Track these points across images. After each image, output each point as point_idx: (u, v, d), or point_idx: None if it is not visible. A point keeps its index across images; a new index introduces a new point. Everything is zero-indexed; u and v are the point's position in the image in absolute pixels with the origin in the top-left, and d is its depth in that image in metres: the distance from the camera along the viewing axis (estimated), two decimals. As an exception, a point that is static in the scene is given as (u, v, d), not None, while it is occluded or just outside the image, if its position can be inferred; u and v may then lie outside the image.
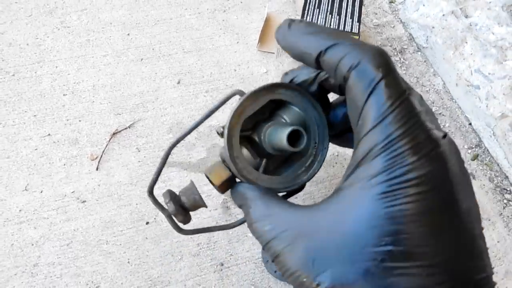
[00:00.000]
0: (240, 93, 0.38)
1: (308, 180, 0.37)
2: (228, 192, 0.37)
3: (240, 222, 0.39)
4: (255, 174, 0.35)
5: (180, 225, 0.38)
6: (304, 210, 0.28)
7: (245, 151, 0.37)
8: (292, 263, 0.25)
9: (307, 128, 0.37)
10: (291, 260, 0.25)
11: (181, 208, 0.37)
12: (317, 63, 0.28)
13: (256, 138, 0.37)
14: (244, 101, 0.35)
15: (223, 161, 0.37)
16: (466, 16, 0.77)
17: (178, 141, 0.38)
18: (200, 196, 0.38)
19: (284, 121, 0.37)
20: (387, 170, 0.24)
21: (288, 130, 0.33)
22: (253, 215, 0.30)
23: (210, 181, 0.37)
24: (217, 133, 0.38)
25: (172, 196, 0.37)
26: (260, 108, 0.35)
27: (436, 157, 0.24)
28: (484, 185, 0.69)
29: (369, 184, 0.24)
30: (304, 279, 0.25)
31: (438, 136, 0.24)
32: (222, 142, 0.57)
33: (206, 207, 0.38)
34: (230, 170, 0.36)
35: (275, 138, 0.35)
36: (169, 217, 0.37)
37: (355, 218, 0.24)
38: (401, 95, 0.24)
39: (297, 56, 0.29)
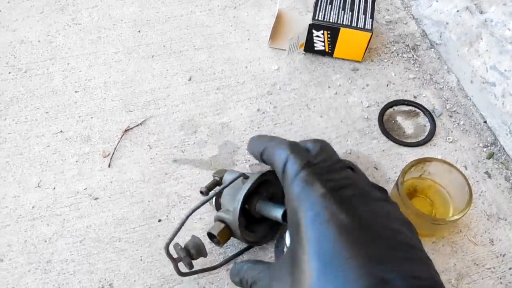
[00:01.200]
0: (243, 175, 0.56)
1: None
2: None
3: (223, 263, 0.59)
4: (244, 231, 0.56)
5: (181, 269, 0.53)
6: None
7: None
8: None
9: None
10: None
11: (188, 256, 0.53)
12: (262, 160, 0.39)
13: (246, 206, 0.55)
14: (252, 184, 0.54)
15: (222, 221, 0.55)
16: (481, 12, 0.76)
17: (195, 209, 0.53)
18: (204, 248, 0.55)
19: (265, 194, 0.56)
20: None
21: (283, 209, 0.51)
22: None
23: (214, 238, 0.54)
24: (201, 192, 0.57)
25: (184, 250, 0.53)
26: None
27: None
28: (500, 184, 0.68)
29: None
30: None
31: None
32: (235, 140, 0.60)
33: (206, 256, 0.55)
34: (229, 229, 0.55)
35: (270, 211, 0.53)
36: (175, 265, 0.52)
37: None
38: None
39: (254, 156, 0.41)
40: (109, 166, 0.68)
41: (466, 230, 0.64)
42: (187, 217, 0.52)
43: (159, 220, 0.63)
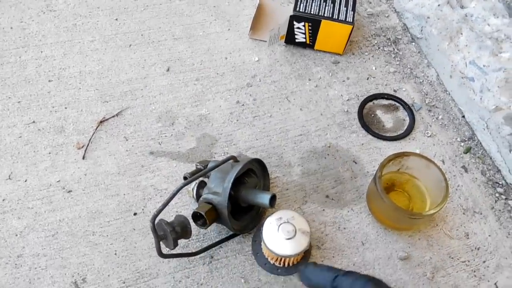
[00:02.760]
0: (234, 158, 0.58)
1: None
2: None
3: (204, 250, 0.58)
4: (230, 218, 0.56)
5: (163, 250, 0.53)
6: None
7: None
8: None
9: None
10: None
11: (174, 232, 0.52)
12: None
13: (232, 192, 0.55)
14: (242, 168, 0.56)
15: (209, 202, 0.55)
16: (462, 7, 0.76)
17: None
18: (190, 226, 0.54)
19: (245, 182, 0.58)
20: None
21: (270, 194, 0.55)
22: None
23: (200, 219, 0.55)
24: (184, 178, 0.59)
25: (170, 225, 0.52)
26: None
27: None
28: (476, 178, 0.68)
29: None
30: None
31: None
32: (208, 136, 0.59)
33: (190, 236, 0.55)
34: (216, 210, 0.55)
35: (255, 198, 0.56)
36: (158, 242, 0.51)
37: None
38: None
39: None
40: (83, 158, 0.66)
41: (442, 224, 0.64)
42: (178, 190, 0.51)
43: (135, 214, 0.62)
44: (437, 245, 0.62)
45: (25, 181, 0.64)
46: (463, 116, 0.74)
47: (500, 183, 0.68)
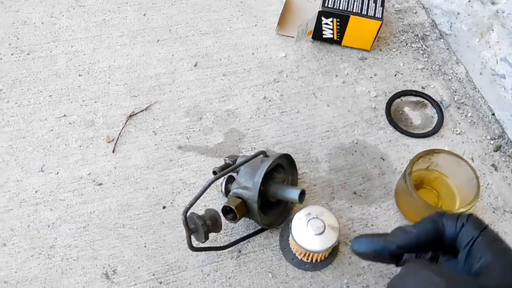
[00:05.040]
0: (264, 153, 0.60)
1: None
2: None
3: (233, 244, 0.59)
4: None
5: (193, 243, 0.54)
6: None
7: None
8: None
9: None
10: None
11: (205, 225, 0.53)
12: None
13: (261, 187, 0.54)
14: (272, 163, 0.56)
15: (238, 197, 0.55)
16: (493, 3, 0.74)
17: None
18: (221, 220, 0.55)
19: (274, 177, 0.58)
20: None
21: (299, 190, 0.55)
22: None
23: (230, 213, 0.55)
24: (214, 172, 0.60)
25: (201, 218, 0.53)
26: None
27: None
28: (506, 177, 0.67)
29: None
30: None
31: None
32: (238, 130, 0.60)
33: (221, 230, 0.56)
34: (245, 205, 0.55)
35: (285, 193, 0.56)
36: (189, 235, 0.52)
37: None
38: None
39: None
40: (113, 151, 0.67)
41: (472, 223, 0.63)
42: (209, 184, 0.52)
43: (164, 207, 0.63)
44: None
45: (57, 173, 0.65)
46: (493, 114, 0.73)
47: (532, 182, 0.67)
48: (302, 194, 0.56)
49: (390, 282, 0.35)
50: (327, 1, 0.73)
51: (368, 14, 0.72)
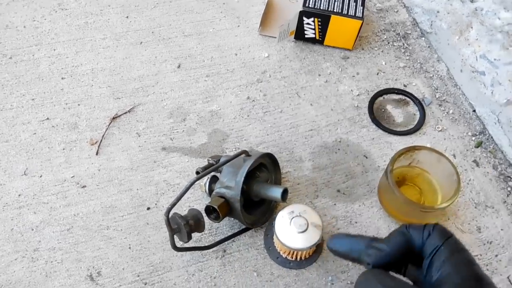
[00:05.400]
0: (246, 153, 0.59)
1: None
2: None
3: (217, 244, 0.59)
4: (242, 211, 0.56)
5: (177, 244, 0.54)
6: None
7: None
8: None
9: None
10: None
11: (188, 225, 0.53)
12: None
13: (244, 186, 0.55)
14: (254, 162, 0.56)
15: (221, 196, 0.55)
16: (472, 1, 0.75)
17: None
18: (203, 220, 0.55)
19: (257, 176, 0.59)
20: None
21: (282, 188, 0.55)
22: None
23: (213, 213, 0.55)
24: (197, 172, 0.60)
25: (184, 219, 0.53)
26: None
27: None
28: (487, 172, 0.68)
29: None
30: None
31: None
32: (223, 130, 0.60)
33: (204, 230, 0.56)
34: (228, 204, 0.55)
35: (268, 192, 0.56)
36: (172, 235, 0.52)
37: None
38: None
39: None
40: (96, 153, 0.67)
41: (454, 218, 0.64)
42: (191, 184, 0.53)
43: (148, 208, 0.63)
44: (449, 239, 0.62)
45: (40, 176, 0.65)
46: (474, 111, 0.74)
47: (512, 176, 0.68)
48: (285, 192, 0.56)
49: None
50: (308, 1, 0.74)
51: (349, 14, 0.73)
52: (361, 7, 0.74)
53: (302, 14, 0.74)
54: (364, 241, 0.40)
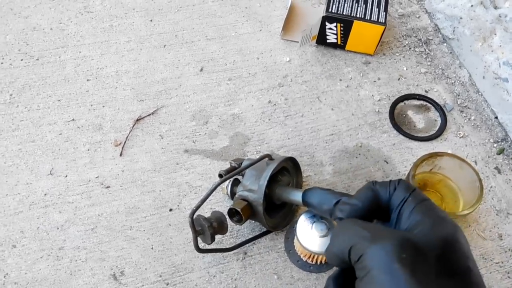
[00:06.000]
0: (269, 156, 0.60)
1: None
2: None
3: (238, 246, 0.60)
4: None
5: (199, 245, 0.54)
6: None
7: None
8: None
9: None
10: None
11: (211, 227, 0.54)
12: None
13: (266, 190, 0.55)
14: (277, 166, 0.57)
15: (244, 199, 0.56)
16: (496, 7, 0.75)
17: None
18: (226, 222, 0.56)
19: (279, 180, 0.59)
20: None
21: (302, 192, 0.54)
22: None
23: (235, 215, 0.56)
24: (219, 175, 0.60)
25: (208, 220, 0.54)
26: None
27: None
28: (510, 179, 0.68)
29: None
30: None
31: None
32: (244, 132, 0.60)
33: (227, 232, 0.57)
34: (251, 207, 0.56)
35: (290, 195, 0.56)
36: (195, 237, 0.53)
37: None
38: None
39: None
40: (120, 155, 0.68)
41: (475, 224, 0.64)
42: (215, 186, 0.54)
43: (170, 210, 0.64)
44: (470, 246, 0.62)
45: (66, 176, 0.66)
46: (496, 117, 0.74)
47: (535, 185, 0.67)
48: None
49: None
50: (331, 6, 0.74)
51: (372, 19, 0.73)
52: (384, 13, 0.74)
53: (325, 19, 0.74)
54: (335, 196, 0.46)
